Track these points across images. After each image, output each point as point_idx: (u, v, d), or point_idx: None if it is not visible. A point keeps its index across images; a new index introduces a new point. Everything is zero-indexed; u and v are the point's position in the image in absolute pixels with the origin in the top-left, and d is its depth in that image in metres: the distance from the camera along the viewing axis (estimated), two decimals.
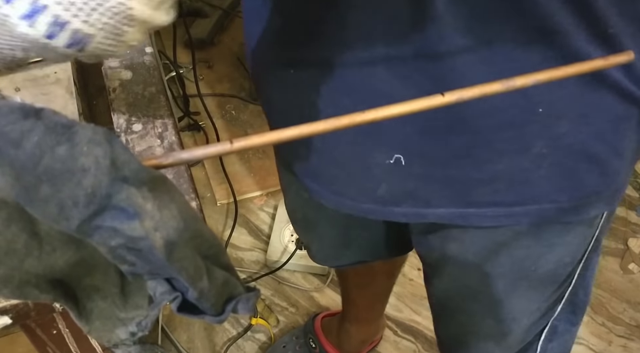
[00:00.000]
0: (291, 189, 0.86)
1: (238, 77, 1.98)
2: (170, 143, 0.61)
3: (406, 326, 1.48)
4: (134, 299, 0.34)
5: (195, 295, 0.31)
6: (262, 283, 1.53)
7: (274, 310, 1.49)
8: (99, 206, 0.26)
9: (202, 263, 0.32)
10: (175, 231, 0.29)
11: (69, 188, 0.25)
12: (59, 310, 0.53)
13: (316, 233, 0.93)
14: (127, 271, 0.29)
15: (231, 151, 0.31)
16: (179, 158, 0.31)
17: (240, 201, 1.66)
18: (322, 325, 1.38)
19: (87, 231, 0.27)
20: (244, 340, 1.43)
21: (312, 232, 0.94)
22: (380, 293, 1.27)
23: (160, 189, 0.29)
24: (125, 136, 0.61)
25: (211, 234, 0.33)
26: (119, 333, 0.35)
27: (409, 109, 0.33)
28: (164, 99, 0.65)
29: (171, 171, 0.58)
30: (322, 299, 1.51)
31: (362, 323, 1.33)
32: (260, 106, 0.73)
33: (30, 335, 0.61)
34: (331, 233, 0.90)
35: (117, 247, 0.27)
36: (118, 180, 0.26)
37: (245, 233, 1.63)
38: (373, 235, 0.89)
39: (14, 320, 0.51)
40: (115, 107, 0.64)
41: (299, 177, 0.70)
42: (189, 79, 1.84)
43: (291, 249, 1.53)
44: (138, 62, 0.68)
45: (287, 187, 0.87)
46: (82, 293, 0.33)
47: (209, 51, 2.04)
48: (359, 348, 1.39)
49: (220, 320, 0.34)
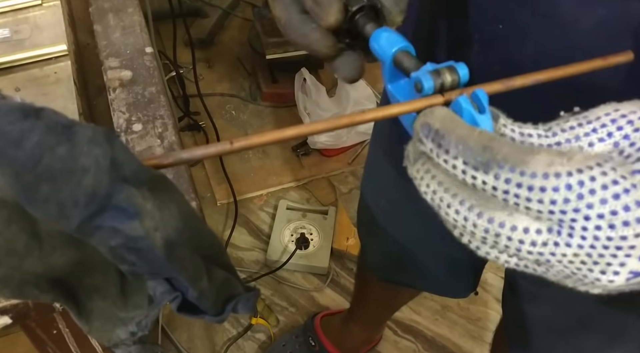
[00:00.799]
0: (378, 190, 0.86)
1: (238, 77, 1.98)
2: (170, 143, 0.61)
3: (406, 326, 1.48)
4: (134, 299, 0.34)
5: (195, 294, 0.31)
6: (262, 283, 1.53)
7: (274, 309, 1.49)
8: (99, 206, 0.26)
9: (202, 263, 0.32)
10: (175, 231, 0.29)
11: (69, 187, 0.25)
12: (59, 310, 0.53)
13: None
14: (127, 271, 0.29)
15: (231, 150, 0.31)
16: (179, 157, 0.31)
17: (240, 201, 1.66)
18: (322, 324, 1.38)
19: (87, 231, 0.27)
20: (244, 339, 1.44)
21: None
22: (398, 306, 1.27)
23: (160, 189, 0.29)
24: (125, 136, 0.61)
25: (211, 234, 0.33)
26: (119, 332, 0.35)
27: (409, 109, 0.33)
28: (164, 99, 0.65)
29: (171, 171, 0.58)
30: (321, 299, 1.52)
31: (368, 325, 1.33)
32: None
33: (30, 335, 0.61)
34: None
35: (117, 247, 0.27)
36: (118, 180, 0.26)
37: (245, 233, 1.63)
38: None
39: (14, 320, 0.51)
40: (115, 107, 0.64)
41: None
42: (189, 79, 1.85)
43: (291, 249, 1.54)
44: (138, 62, 0.68)
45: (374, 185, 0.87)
46: (82, 293, 0.33)
47: (209, 51, 2.04)
48: (360, 348, 1.39)
49: (220, 320, 0.34)
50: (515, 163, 0.27)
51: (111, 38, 0.70)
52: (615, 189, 0.27)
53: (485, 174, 0.28)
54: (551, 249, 0.28)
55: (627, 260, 0.28)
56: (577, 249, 0.28)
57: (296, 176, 1.73)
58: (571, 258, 0.28)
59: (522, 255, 0.29)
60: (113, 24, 0.72)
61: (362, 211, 0.98)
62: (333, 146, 1.74)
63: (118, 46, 0.69)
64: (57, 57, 0.67)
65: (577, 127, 0.31)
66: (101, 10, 0.73)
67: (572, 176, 0.27)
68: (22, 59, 0.66)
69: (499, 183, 0.28)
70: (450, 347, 1.46)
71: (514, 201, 0.28)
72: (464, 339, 1.47)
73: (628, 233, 0.27)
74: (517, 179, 0.27)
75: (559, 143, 0.31)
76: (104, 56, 0.68)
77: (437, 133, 0.30)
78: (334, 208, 1.64)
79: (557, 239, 0.28)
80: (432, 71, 0.34)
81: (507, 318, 0.89)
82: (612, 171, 0.27)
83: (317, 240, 1.57)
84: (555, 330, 0.74)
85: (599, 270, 0.28)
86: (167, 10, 1.62)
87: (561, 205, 0.27)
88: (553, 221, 0.28)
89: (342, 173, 1.76)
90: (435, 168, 0.30)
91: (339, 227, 1.60)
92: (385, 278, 1.04)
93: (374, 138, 0.87)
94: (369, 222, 0.96)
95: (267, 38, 1.76)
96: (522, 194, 0.28)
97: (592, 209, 0.27)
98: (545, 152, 0.28)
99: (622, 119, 0.31)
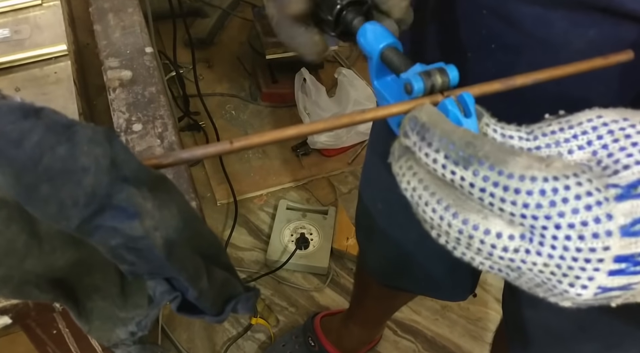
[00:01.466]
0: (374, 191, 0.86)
1: (238, 77, 1.98)
2: (170, 142, 0.61)
3: (406, 326, 1.48)
4: (133, 299, 0.34)
5: (195, 294, 0.31)
6: (262, 283, 1.53)
7: (274, 309, 1.49)
8: (99, 206, 0.26)
9: (202, 263, 0.32)
10: (175, 231, 0.29)
11: (69, 187, 0.25)
12: (59, 309, 0.53)
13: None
14: (127, 270, 0.29)
15: (231, 150, 0.31)
16: (179, 157, 0.31)
17: (240, 201, 1.66)
18: (322, 324, 1.38)
19: (87, 231, 0.27)
20: (243, 339, 1.43)
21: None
22: (398, 306, 1.27)
23: (160, 188, 0.29)
24: (125, 136, 0.61)
25: (211, 234, 0.33)
26: (118, 332, 0.35)
27: (408, 107, 0.32)
28: (164, 99, 0.65)
29: (171, 171, 0.58)
30: (321, 299, 1.51)
31: (367, 325, 1.33)
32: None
33: (30, 335, 0.61)
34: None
35: (117, 247, 0.27)
36: (118, 180, 0.26)
37: (245, 233, 1.63)
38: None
39: (14, 319, 0.51)
40: (115, 107, 0.64)
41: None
42: (189, 79, 1.85)
43: (291, 249, 1.53)
44: (138, 62, 0.68)
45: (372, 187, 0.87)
46: (82, 293, 0.33)
47: (209, 51, 2.04)
48: (359, 348, 1.39)
49: (220, 320, 0.34)
50: (495, 161, 0.28)
51: (111, 38, 0.70)
52: (588, 201, 0.27)
53: (465, 170, 0.28)
54: (522, 256, 0.28)
55: (595, 274, 0.28)
56: (547, 259, 0.28)
57: (296, 176, 1.73)
58: (541, 268, 0.28)
59: (494, 259, 0.29)
60: (113, 24, 0.72)
61: (360, 215, 0.98)
62: (333, 146, 1.74)
63: (118, 46, 0.69)
64: (57, 57, 0.67)
65: (559, 132, 0.31)
66: (101, 10, 0.73)
67: (547, 182, 0.27)
68: (22, 59, 0.66)
69: (476, 180, 0.28)
70: (450, 347, 1.46)
71: (489, 201, 0.28)
72: (464, 339, 1.47)
73: (597, 246, 0.27)
74: (494, 177, 0.28)
75: (538, 147, 0.31)
76: (104, 56, 0.68)
77: (422, 126, 0.30)
78: (334, 208, 1.64)
79: (529, 246, 0.28)
80: (422, 72, 0.34)
81: (507, 320, 0.89)
82: (588, 182, 0.27)
83: (317, 240, 1.57)
84: (555, 334, 0.74)
85: (567, 282, 0.28)
86: (167, 10, 1.62)
87: (533, 210, 0.27)
88: (525, 228, 0.28)
89: (342, 173, 1.76)
90: (417, 164, 0.31)
91: (339, 227, 1.60)
92: (385, 283, 1.04)
93: (370, 141, 0.87)
94: (367, 226, 0.96)
95: (267, 38, 1.76)
96: (497, 193, 0.28)
97: (563, 218, 0.27)
98: (525, 155, 0.28)
99: (603, 127, 0.31)
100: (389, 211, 0.85)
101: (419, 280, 0.95)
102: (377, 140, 0.83)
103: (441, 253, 0.83)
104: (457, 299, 1.01)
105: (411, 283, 0.98)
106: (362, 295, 1.22)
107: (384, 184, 0.82)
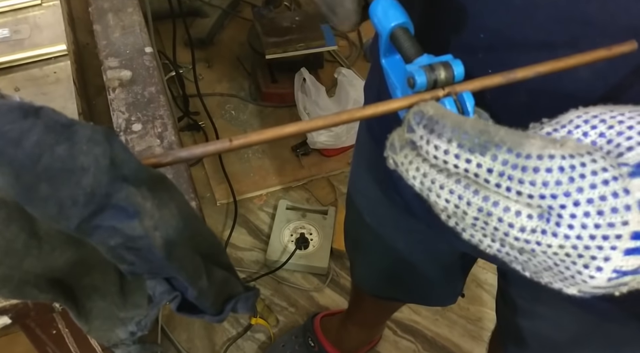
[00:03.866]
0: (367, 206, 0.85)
1: (238, 77, 1.98)
2: (169, 142, 0.61)
3: (406, 326, 1.48)
4: (133, 298, 0.34)
5: (195, 294, 0.31)
6: (262, 283, 1.53)
7: (274, 309, 1.49)
8: (99, 206, 0.26)
9: (201, 263, 0.32)
10: (174, 230, 0.29)
11: (69, 187, 0.25)
12: (58, 309, 0.53)
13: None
14: (126, 270, 0.29)
15: (230, 148, 0.31)
16: (178, 156, 0.31)
17: (240, 201, 1.66)
18: (322, 324, 1.38)
19: (86, 231, 0.27)
20: (243, 339, 1.43)
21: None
22: (395, 309, 1.27)
23: (160, 188, 0.29)
24: (125, 136, 0.61)
25: (210, 233, 0.33)
26: (118, 332, 0.35)
27: (408, 103, 0.32)
28: (164, 99, 0.65)
29: (171, 170, 0.58)
30: (321, 299, 1.51)
31: (366, 326, 1.33)
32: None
33: (30, 335, 0.61)
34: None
35: (116, 246, 0.27)
36: (117, 179, 0.26)
37: (244, 233, 1.63)
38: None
39: (13, 319, 0.51)
40: (114, 107, 0.63)
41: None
42: (188, 79, 1.84)
43: (291, 249, 1.53)
44: (138, 62, 0.68)
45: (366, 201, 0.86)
46: (82, 293, 0.33)
47: (209, 51, 2.04)
48: (359, 348, 1.39)
49: (219, 320, 0.34)
50: (513, 145, 0.28)
51: (111, 38, 0.70)
52: (605, 176, 0.27)
53: (482, 156, 0.28)
54: (538, 237, 0.28)
55: (612, 253, 0.28)
56: (564, 239, 0.28)
57: (296, 176, 1.73)
58: (556, 249, 0.28)
59: (508, 240, 0.29)
60: (113, 23, 0.72)
61: (348, 225, 0.97)
62: (332, 146, 1.74)
63: (118, 46, 0.69)
64: (57, 57, 0.67)
65: (553, 132, 0.32)
66: (101, 10, 0.73)
67: (565, 160, 0.27)
68: (22, 59, 0.66)
69: (495, 164, 0.28)
70: (450, 347, 1.46)
71: (507, 185, 0.28)
72: (464, 339, 1.47)
73: (616, 220, 0.27)
74: (513, 160, 0.28)
75: None
76: (103, 56, 0.68)
77: (430, 119, 0.30)
78: (333, 208, 1.64)
79: (546, 227, 0.28)
80: (426, 66, 0.34)
81: (501, 326, 0.89)
82: (602, 159, 0.28)
83: (316, 240, 1.57)
84: (549, 345, 0.74)
85: (582, 263, 0.28)
86: (167, 10, 1.61)
87: (552, 188, 0.27)
88: (543, 208, 0.28)
89: (342, 172, 1.76)
90: (422, 156, 0.31)
91: (339, 227, 1.60)
92: (374, 294, 1.05)
93: (355, 154, 0.86)
94: (355, 237, 0.95)
95: (267, 38, 1.76)
96: (515, 175, 0.28)
97: (581, 193, 0.27)
98: (539, 137, 0.28)
99: (594, 119, 0.31)
100: (376, 223, 0.84)
101: (409, 290, 0.95)
102: (361, 153, 0.82)
103: (432, 258, 0.83)
104: (448, 303, 1.01)
105: (401, 292, 0.98)
106: (359, 299, 1.22)
107: (370, 197, 0.81)
